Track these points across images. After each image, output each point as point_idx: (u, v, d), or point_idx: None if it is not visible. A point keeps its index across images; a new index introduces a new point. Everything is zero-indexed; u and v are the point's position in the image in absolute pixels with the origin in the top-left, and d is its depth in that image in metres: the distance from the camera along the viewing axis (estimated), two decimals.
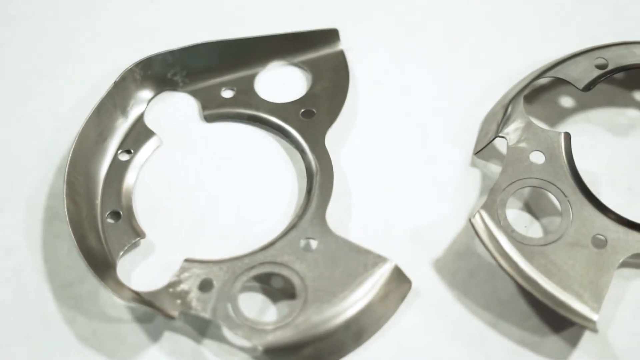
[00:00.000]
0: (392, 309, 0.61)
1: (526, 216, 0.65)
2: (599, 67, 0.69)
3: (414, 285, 0.62)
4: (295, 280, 0.60)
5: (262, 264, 0.61)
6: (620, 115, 0.71)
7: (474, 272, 0.63)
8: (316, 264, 0.61)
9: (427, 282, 0.63)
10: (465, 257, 0.64)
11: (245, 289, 0.62)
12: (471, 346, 0.60)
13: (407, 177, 0.68)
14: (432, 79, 0.74)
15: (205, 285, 0.60)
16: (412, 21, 0.79)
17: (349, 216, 0.66)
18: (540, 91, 0.72)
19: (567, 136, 0.65)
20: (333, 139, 0.69)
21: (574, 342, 0.60)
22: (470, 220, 0.61)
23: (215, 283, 0.60)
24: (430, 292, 0.62)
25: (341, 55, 0.75)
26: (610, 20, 0.78)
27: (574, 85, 0.68)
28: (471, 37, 0.78)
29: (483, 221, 0.61)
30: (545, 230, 0.64)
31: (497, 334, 0.60)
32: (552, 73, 0.69)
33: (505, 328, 0.61)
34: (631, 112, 0.71)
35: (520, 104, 0.68)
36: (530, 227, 0.65)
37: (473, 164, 0.69)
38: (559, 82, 0.71)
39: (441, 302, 0.62)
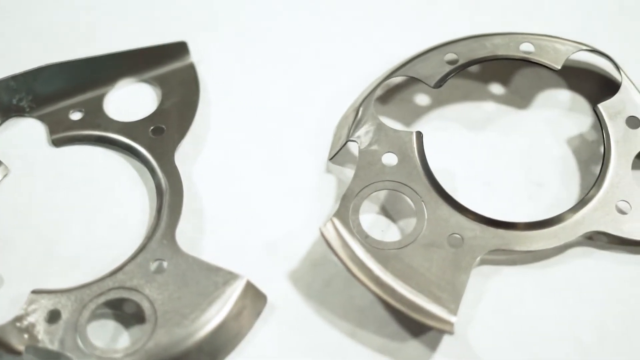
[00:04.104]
0: (247, 326, 0.60)
1: (384, 220, 0.64)
2: (449, 62, 0.68)
3: (269, 299, 0.60)
4: (145, 305, 0.59)
5: (111, 289, 0.59)
6: (476, 109, 0.70)
7: (331, 282, 0.62)
8: (166, 286, 0.59)
9: (283, 296, 0.61)
10: (321, 267, 0.62)
11: (97, 316, 0.60)
12: (330, 358, 0.59)
13: (263, 189, 0.67)
14: (286, 86, 0.73)
15: (52, 317, 0.58)
16: (261, 28, 0.78)
17: (202, 234, 0.64)
18: (395, 91, 0.71)
19: (419, 135, 0.64)
20: (185, 155, 0.68)
21: (434, 345, 0.59)
22: (320, 229, 0.59)
23: (63, 313, 0.58)
24: (286, 305, 0.61)
25: (191, 69, 0.73)
26: (469, 15, 0.78)
27: (425, 82, 0.67)
28: (324, 40, 0.76)
29: (335, 229, 0.60)
30: (403, 233, 0.63)
31: (356, 343, 0.59)
32: (402, 72, 0.68)
33: (364, 336, 0.59)
34: (487, 106, 0.71)
35: (371, 105, 0.66)
36: (387, 231, 0.63)
37: (329, 170, 0.67)
38: (414, 81, 0.70)
39: (298, 315, 0.60)
